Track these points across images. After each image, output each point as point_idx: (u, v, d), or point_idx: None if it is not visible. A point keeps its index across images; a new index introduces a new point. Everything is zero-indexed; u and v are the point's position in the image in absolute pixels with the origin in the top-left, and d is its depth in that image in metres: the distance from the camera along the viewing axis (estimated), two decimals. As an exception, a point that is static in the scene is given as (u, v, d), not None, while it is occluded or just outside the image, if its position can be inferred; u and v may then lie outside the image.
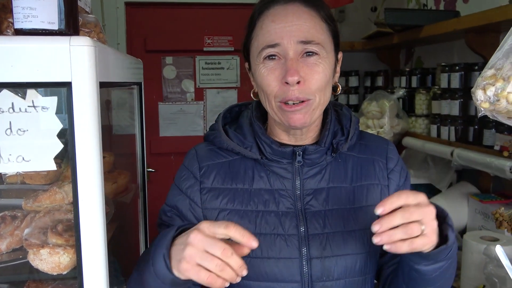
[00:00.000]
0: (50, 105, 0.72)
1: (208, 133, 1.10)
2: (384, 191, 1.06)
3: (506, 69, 0.77)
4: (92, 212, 0.73)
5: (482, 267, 1.68)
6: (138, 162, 1.39)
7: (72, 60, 0.69)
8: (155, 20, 3.27)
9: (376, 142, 1.12)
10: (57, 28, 0.72)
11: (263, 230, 0.99)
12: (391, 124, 2.52)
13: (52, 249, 0.80)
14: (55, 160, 0.81)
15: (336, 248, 1.00)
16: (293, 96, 0.93)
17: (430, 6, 2.71)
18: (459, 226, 2.18)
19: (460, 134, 2.14)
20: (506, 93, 0.76)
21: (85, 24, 0.95)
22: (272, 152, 1.00)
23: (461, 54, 2.42)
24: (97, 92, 0.72)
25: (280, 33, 0.93)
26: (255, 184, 1.02)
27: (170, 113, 3.37)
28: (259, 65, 0.96)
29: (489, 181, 2.17)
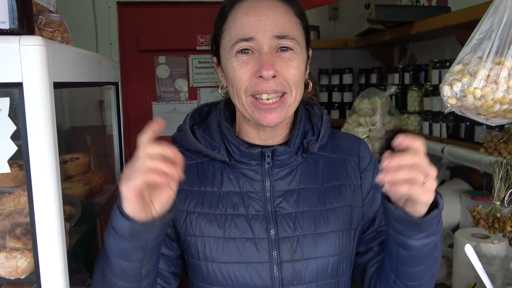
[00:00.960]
0: (2, 107, 0.71)
1: (175, 135, 1.07)
2: (357, 191, 1.04)
3: (473, 64, 0.75)
4: (48, 215, 0.72)
5: (472, 265, 1.66)
6: (116, 162, 1.37)
7: (22, 60, 0.68)
8: (147, 20, 3.26)
9: (348, 141, 1.09)
10: (8, 27, 0.70)
11: (232, 234, 0.96)
12: (383, 122, 2.50)
13: (9, 253, 0.79)
14: (18, 162, 0.79)
15: (307, 251, 0.97)
16: (269, 88, 0.91)
17: (422, 2, 2.68)
18: (452, 224, 2.16)
19: (451, 130, 2.12)
20: (472, 88, 0.74)
21: (49, 24, 0.93)
22: (240, 154, 0.98)
23: (452, 50, 2.40)
24: (50, 92, 0.70)
25: (255, 26, 0.91)
26: (224, 186, 0.99)
27: (163, 113, 3.36)
28: (231, 58, 0.93)
29: (482, 177, 2.15)
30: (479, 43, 0.76)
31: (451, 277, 1.88)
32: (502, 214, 1.05)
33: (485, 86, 0.74)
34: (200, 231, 0.97)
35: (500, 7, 0.76)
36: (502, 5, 0.75)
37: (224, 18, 0.96)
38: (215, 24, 1.00)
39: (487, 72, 0.74)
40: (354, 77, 3.28)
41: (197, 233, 0.98)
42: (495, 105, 0.75)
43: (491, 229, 1.08)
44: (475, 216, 1.11)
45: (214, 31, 1.00)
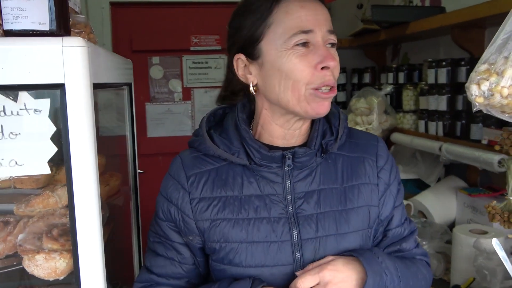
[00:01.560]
0: (43, 108, 0.71)
1: (192, 140, 1.06)
2: (374, 190, 1.05)
3: (499, 63, 0.78)
4: (88, 216, 0.72)
5: (472, 260, 1.70)
6: (129, 163, 1.37)
7: (65, 61, 0.68)
8: (141, 20, 3.24)
9: (366, 139, 1.10)
10: (48, 28, 0.70)
11: (256, 238, 0.97)
12: (379, 121, 2.53)
13: (48, 254, 0.79)
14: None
15: (329, 251, 0.98)
16: (332, 79, 0.94)
17: (415, 2, 2.73)
18: (448, 220, 2.20)
19: (447, 129, 2.16)
20: (500, 87, 0.77)
21: (75, 25, 0.93)
22: (261, 157, 0.98)
23: (447, 50, 2.44)
24: (91, 94, 0.71)
25: (312, 20, 0.92)
26: (245, 190, 0.99)
27: (157, 114, 3.35)
28: (287, 51, 0.92)
29: (477, 174, 2.20)
30: (504, 43, 0.79)
31: (449, 273, 1.92)
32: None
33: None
34: (224, 236, 0.98)
35: (523, 8, 0.79)
36: (526, 7, 0.79)
37: (270, 11, 0.95)
38: (243, 19, 0.98)
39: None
40: (347, 76, 3.32)
41: (221, 239, 0.98)
42: (520, 103, 0.79)
43: (506, 223, 1.12)
44: (490, 211, 1.15)
45: (244, 26, 0.98)
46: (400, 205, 1.10)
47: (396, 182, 1.09)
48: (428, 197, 2.26)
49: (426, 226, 2.13)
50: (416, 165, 2.56)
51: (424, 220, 2.20)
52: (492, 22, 1.91)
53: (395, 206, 1.08)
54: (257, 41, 0.96)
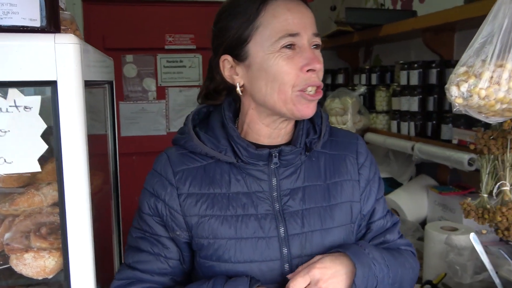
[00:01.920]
0: (33, 105, 0.70)
1: (177, 137, 1.06)
2: (356, 186, 1.08)
3: (477, 66, 0.82)
4: (79, 214, 0.72)
5: (443, 256, 1.76)
6: (110, 162, 1.36)
7: (57, 58, 0.68)
8: (114, 17, 3.20)
9: (346, 137, 1.14)
10: (39, 25, 0.70)
11: (244, 234, 0.99)
12: (353, 121, 2.59)
13: (37, 253, 0.78)
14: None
15: (315, 246, 1.01)
16: (317, 81, 0.96)
17: (387, 5, 2.80)
18: (420, 218, 2.27)
19: (419, 129, 2.23)
20: (478, 89, 0.80)
21: (61, 22, 0.92)
22: (248, 155, 1.00)
23: (418, 52, 2.52)
24: (83, 91, 0.70)
25: (299, 23, 0.95)
26: (233, 188, 1.01)
27: (131, 113, 3.31)
28: (274, 54, 0.94)
29: (447, 173, 2.27)
30: (481, 47, 0.83)
31: (422, 269, 1.97)
32: (491, 206, 1.14)
33: (489, 86, 0.81)
34: (212, 233, 0.99)
35: (500, 13, 0.83)
36: (502, 12, 0.83)
37: (257, 14, 0.96)
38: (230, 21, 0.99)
39: (491, 74, 0.81)
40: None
41: (209, 235, 0.99)
42: (496, 105, 0.83)
43: (481, 219, 1.17)
44: (465, 208, 1.20)
45: (230, 28, 0.99)
46: (382, 198, 1.14)
47: (376, 177, 1.13)
48: (401, 195, 2.32)
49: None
50: (389, 164, 2.63)
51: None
52: (461, 26, 1.98)
53: (377, 199, 1.12)
54: (244, 43, 0.98)
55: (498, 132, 1.07)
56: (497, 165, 1.09)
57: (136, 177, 3.33)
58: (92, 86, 1.22)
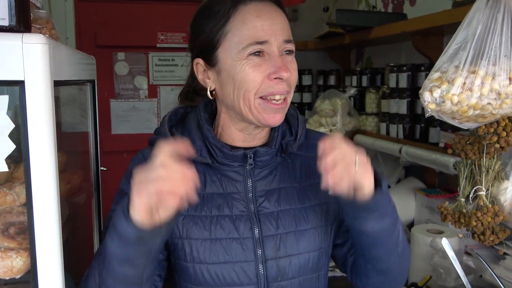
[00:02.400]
0: (0, 105, 0.70)
1: (153, 138, 1.06)
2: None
3: (450, 72, 0.82)
4: (47, 214, 0.72)
5: (428, 259, 1.77)
6: (91, 161, 1.36)
7: (25, 58, 0.67)
8: (106, 15, 3.19)
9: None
10: (7, 24, 0.69)
11: (219, 235, 0.98)
12: (343, 122, 2.59)
13: (4, 252, 0.77)
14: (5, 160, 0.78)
15: (290, 248, 1.01)
16: (283, 89, 0.95)
17: (379, 8, 2.80)
18: (407, 220, 2.27)
19: (407, 132, 2.23)
20: (450, 95, 0.81)
21: (36, 20, 0.91)
22: (223, 156, 0.99)
23: (408, 55, 2.52)
24: (51, 91, 0.70)
25: (268, 30, 0.93)
26: (208, 188, 1.01)
27: (122, 111, 3.30)
28: (241, 61, 0.94)
29: (435, 176, 2.28)
30: (455, 53, 0.83)
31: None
32: (468, 210, 1.14)
33: (461, 92, 0.81)
34: (186, 233, 0.99)
35: (473, 20, 0.83)
36: (475, 19, 0.83)
37: (226, 19, 0.95)
38: (202, 24, 0.99)
39: (463, 80, 0.81)
40: (313, 78, 3.37)
41: (183, 236, 0.99)
42: (469, 110, 0.83)
43: (457, 223, 1.17)
44: (442, 212, 1.20)
45: (203, 31, 0.99)
46: None
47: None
48: (388, 197, 2.32)
49: (386, 226, 2.20)
50: (377, 166, 2.63)
51: (383, 219, 2.26)
52: (450, 30, 1.98)
53: None
54: (214, 48, 0.97)
55: (475, 138, 1.07)
56: (473, 169, 1.10)
57: (126, 175, 3.35)
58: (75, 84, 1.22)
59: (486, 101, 0.85)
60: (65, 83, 0.92)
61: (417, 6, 2.42)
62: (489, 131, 1.01)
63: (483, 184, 1.07)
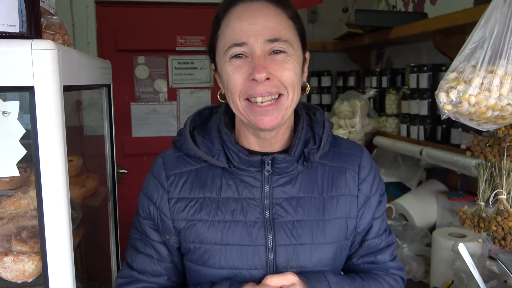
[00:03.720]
0: (12, 110, 0.71)
1: (176, 139, 1.06)
2: (354, 202, 1.04)
3: (467, 72, 0.79)
4: (57, 218, 0.72)
5: (450, 263, 1.73)
6: (107, 164, 1.37)
7: (34, 64, 0.68)
8: (126, 19, 3.23)
9: (350, 149, 1.08)
10: (18, 31, 0.70)
11: (230, 240, 0.97)
12: (362, 124, 2.55)
13: (17, 256, 0.78)
14: (20, 164, 0.79)
15: (302, 260, 0.99)
16: (263, 91, 0.91)
17: (399, 7, 2.76)
18: (429, 223, 2.23)
19: (428, 133, 2.19)
20: (467, 95, 0.78)
21: (49, 26, 0.92)
22: (240, 161, 0.98)
23: (429, 55, 2.47)
24: (61, 97, 0.70)
25: (247, 31, 0.91)
26: (223, 193, 0.99)
27: (142, 114, 3.33)
28: (225, 63, 0.94)
29: (457, 178, 2.23)
30: (472, 52, 0.81)
31: (429, 275, 1.94)
32: (487, 214, 1.11)
33: (479, 93, 0.79)
34: (199, 237, 0.98)
35: (491, 19, 0.80)
36: (493, 17, 0.80)
37: (218, 24, 0.96)
38: (211, 31, 1.00)
39: (481, 80, 0.78)
40: (332, 79, 3.34)
41: (196, 240, 0.99)
42: (487, 111, 0.80)
43: (476, 228, 1.14)
44: (461, 216, 1.16)
45: (210, 38, 1.00)
46: (380, 217, 1.09)
47: (377, 194, 1.08)
48: (409, 200, 2.28)
49: (407, 229, 2.16)
50: (397, 168, 2.59)
51: (405, 223, 2.22)
52: (472, 29, 1.93)
53: (374, 218, 1.08)
54: (214, 53, 0.99)
55: (494, 139, 1.03)
56: (493, 172, 1.06)
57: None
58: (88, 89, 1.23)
59: (506, 101, 0.82)
60: (77, 88, 0.92)
61: (438, 5, 2.38)
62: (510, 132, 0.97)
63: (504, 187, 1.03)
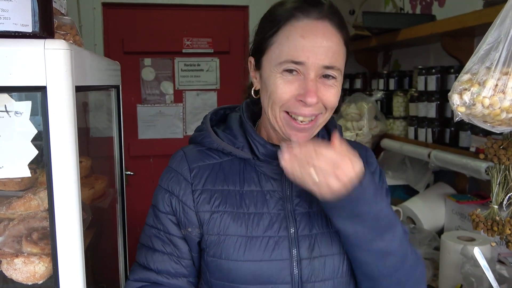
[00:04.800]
0: (24, 110, 0.71)
1: (195, 135, 1.09)
2: None
3: (481, 74, 0.78)
4: (68, 219, 0.72)
5: (459, 267, 1.71)
6: (116, 165, 1.37)
7: (47, 64, 0.68)
8: (133, 21, 3.23)
9: (356, 148, 1.10)
10: (31, 30, 0.70)
11: (255, 232, 0.99)
12: (369, 126, 2.54)
13: (27, 258, 0.78)
14: (30, 165, 0.78)
15: (324, 248, 1.01)
16: (308, 113, 0.94)
17: (407, 10, 2.74)
18: (437, 227, 2.21)
19: (436, 136, 2.18)
20: (481, 97, 0.77)
21: (61, 26, 0.93)
22: (265, 151, 1.01)
23: (437, 57, 2.46)
24: (73, 97, 0.70)
25: (308, 52, 0.92)
26: (246, 185, 1.02)
27: (149, 116, 3.34)
28: (276, 74, 0.95)
29: (465, 182, 2.21)
30: (486, 54, 0.80)
31: (437, 279, 1.93)
32: (501, 217, 1.09)
33: (493, 95, 0.78)
34: (223, 229, 1.00)
35: (507, 19, 0.79)
36: (509, 18, 0.79)
37: (276, 29, 0.96)
38: (261, 27, 1.01)
39: (495, 81, 0.78)
40: (339, 82, 3.33)
41: (220, 232, 1.00)
42: (501, 114, 0.79)
43: (490, 232, 1.12)
44: (474, 219, 1.15)
45: (260, 33, 1.01)
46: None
47: (384, 189, 1.12)
48: (417, 203, 2.27)
49: (415, 232, 2.14)
50: (405, 171, 2.57)
51: (412, 226, 2.20)
52: (481, 31, 1.92)
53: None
54: (262, 53, 1.00)
55: (509, 142, 1.02)
56: (507, 175, 1.05)
57: (152, 179, 3.38)
58: (98, 90, 1.23)
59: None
60: (88, 89, 0.92)
61: (447, 7, 2.36)
62: (524, 135, 0.96)
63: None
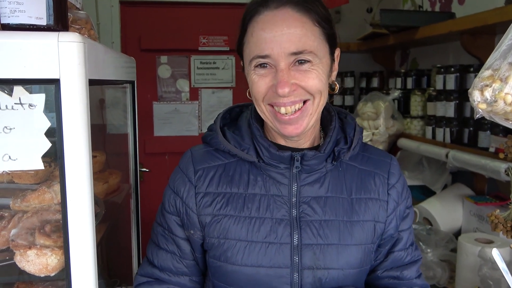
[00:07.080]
0: (38, 103, 0.71)
1: (206, 134, 1.07)
2: (383, 207, 1.03)
3: (503, 69, 0.76)
4: (80, 213, 0.72)
5: (477, 269, 1.68)
6: (130, 161, 1.37)
7: (60, 57, 0.68)
8: (150, 19, 3.25)
9: (380, 156, 1.09)
10: (45, 23, 0.70)
11: (255, 237, 0.96)
12: (386, 125, 2.51)
13: (40, 250, 0.78)
14: (44, 158, 0.79)
15: (329, 260, 0.97)
16: (287, 101, 0.91)
17: (425, 7, 2.70)
18: (454, 228, 2.17)
19: (455, 135, 2.14)
20: (503, 94, 0.75)
21: (76, 21, 0.93)
22: (269, 155, 0.98)
23: (456, 56, 2.42)
24: (86, 90, 0.70)
25: (270, 43, 0.90)
26: (250, 188, 0.99)
27: (164, 113, 3.35)
28: (250, 71, 0.95)
29: (484, 183, 2.17)
30: (508, 49, 0.77)
31: (453, 281, 1.89)
32: (521, 219, 1.07)
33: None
34: (224, 233, 0.98)
35: (530, 14, 0.77)
36: (532, 12, 0.77)
37: (244, 30, 0.96)
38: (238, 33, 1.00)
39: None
40: (355, 80, 3.30)
41: (221, 235, 0.98)
42: (524, 111, 0.77)
43: (509, 233, 1.10)
44: (493, 221, 1.13)
45: (237, 39, 1.00)
46: (408, 229, 1.08)
47: (405, 204, 1.07)
48: (434, 204, 2.23)
49: (431, 234, 2.11)
50: (422, 171, 2.53)
51: (429, 227, 2.17)
52: (502, 29, 1.88)
53: (403, 229, 1.07)
54: (241, 55, 1.00)
55: (530, 141, 0.99)
56: (528, 176, 1.02)
57: (167, 176, 3.39)
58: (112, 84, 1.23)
59: (543, 101, 0.79)
60: (102, 83, 0.92)
61: (466, 4, 2.32)
62: (546, 134, 0.93)
63: (539, 191, 0.99)
